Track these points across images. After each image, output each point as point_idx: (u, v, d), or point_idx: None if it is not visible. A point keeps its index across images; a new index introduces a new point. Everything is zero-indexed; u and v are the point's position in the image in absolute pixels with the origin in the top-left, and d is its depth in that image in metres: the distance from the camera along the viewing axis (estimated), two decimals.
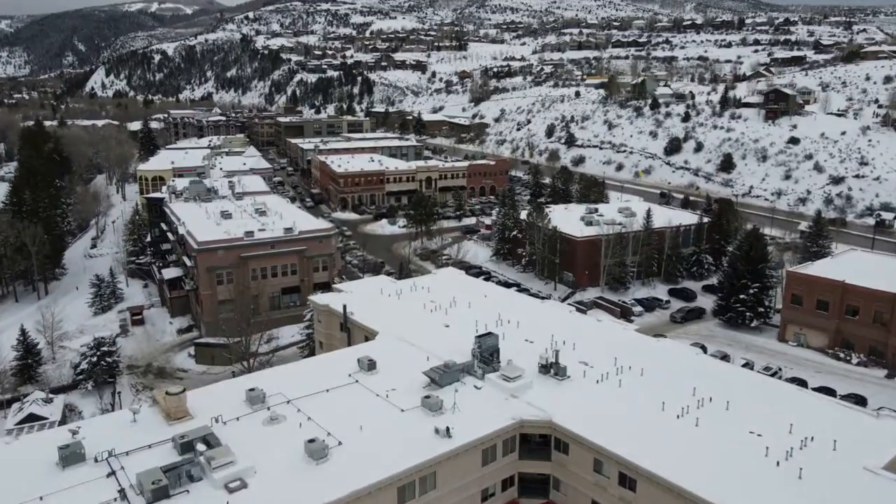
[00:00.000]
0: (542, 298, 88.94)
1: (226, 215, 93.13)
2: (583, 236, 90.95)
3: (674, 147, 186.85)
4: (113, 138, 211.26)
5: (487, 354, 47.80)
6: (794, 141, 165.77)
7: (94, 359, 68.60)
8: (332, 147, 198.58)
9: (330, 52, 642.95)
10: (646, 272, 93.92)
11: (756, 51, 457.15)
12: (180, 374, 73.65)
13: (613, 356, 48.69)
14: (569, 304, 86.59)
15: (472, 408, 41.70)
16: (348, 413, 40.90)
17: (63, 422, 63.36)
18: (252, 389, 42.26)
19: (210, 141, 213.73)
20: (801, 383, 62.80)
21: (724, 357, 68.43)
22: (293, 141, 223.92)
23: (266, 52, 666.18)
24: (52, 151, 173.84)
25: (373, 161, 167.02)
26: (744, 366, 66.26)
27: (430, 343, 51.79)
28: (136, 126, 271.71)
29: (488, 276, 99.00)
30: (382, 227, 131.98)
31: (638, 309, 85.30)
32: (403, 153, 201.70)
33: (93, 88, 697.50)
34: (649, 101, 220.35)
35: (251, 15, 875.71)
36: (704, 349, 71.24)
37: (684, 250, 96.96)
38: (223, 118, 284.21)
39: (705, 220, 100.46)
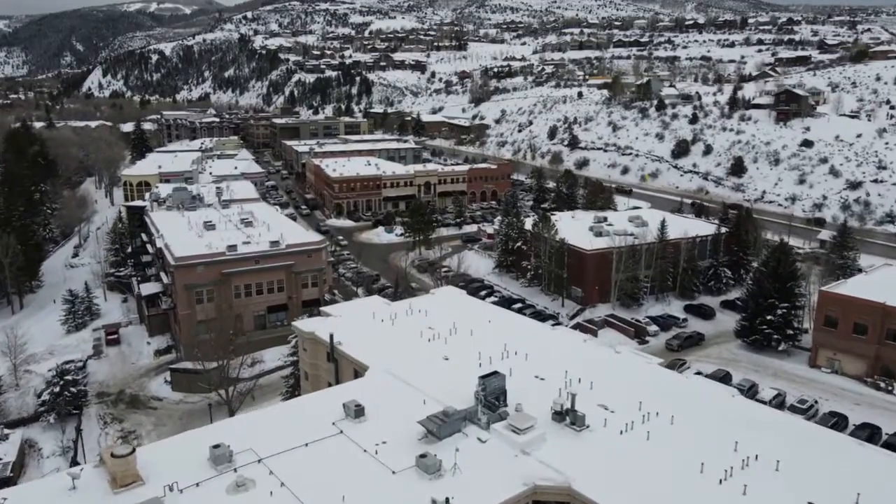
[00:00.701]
0: (551, 316, 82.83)
1: (209, 226, 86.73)
2: (592, 249, 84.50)
3: (681, 150, 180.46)
4: (103, 140, 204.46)
5: (493, 398, 41.43)
6: (807, 144, 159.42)
7: (57, 389, 62.12)
8: (328, 150, 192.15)
9: (328, 52, 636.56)
10: (660, 287, 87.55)
11: (760, 50, 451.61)
12: (154, 404, 67.24)
13: (637, 399, 42.28)
14: (579, 321, 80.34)
15: (476, 468, 35.32)
16: (329, 476, 34.52)
17: (20, 461, 57.10)
18: (217, 446, 35.78)
19: (202, 143, 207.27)
20: (841, 419, 56.53)
21: (752, 387, 62.09)
22: (288, 143, 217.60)
23: (264, 51, 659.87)
24: (37, 154, 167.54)
25: (369, 165, 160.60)
26: (775, 397, 60.10)
27: (427, 380, 45.48)
28: (130, 127, 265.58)
29: (491, 291, 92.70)
30: (378, 236, 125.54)
31: (653, 328, 78.93)
32: (402, 156, 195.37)
33: (89, 89, 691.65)
34: (655, 102, 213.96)
35: (249, 15, 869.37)
36: (729, 376, 65.04)
37: (701, 263, 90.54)
38: (217, 119, 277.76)
39: (723, 230, 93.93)
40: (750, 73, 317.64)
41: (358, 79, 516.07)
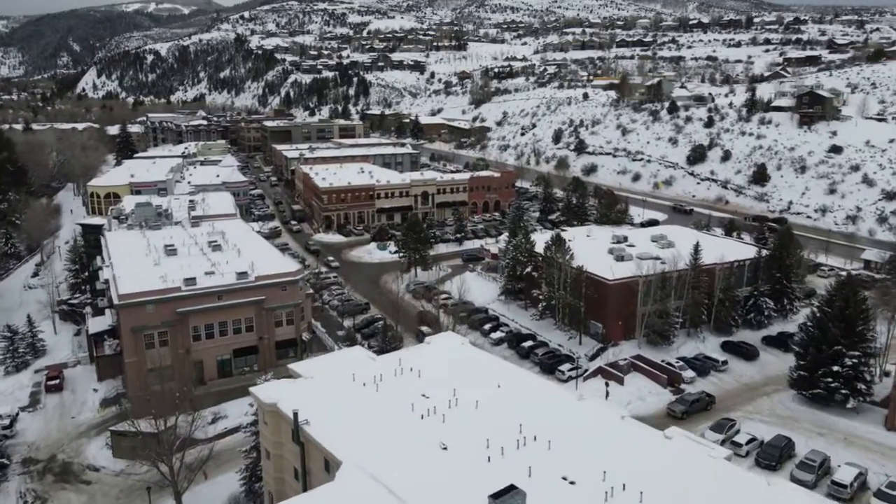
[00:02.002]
0: (567, 356, 70.86)
1: (170, 251, 74.77)
2: (616, 279, 72.47)
3: (697, 156, 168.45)
4: (79, 144, 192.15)
5: None
6: (835, 149, 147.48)
7: None
8: (320, 155, 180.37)
9: (326, 53, 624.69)
10: (691, 321, 75.60)
11: (767, 50, 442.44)
12: (89, 476, 55.21)
13: None
14: (601, 366, 68.39)
15: None
16: None
17: None
18: None
19: (186, 148, 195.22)
20: None
21: (824, 462, 50.15)
22: (279, 148, 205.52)
23: (260, 52, 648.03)
24: (6, 161, 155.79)
25: (363, 172, 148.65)
26: (857, 476, 48.13)
27: (419, 486, 33.69)
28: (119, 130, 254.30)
29: (497, 324, 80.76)
30: (370, 253, 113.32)
31: (689, 374, 66.98)
32: (398, 161, 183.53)
33: (83, 90, 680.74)
34: (667, 105, 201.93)
35: (246, 14, 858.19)
36: (792, 444, 53.12)
37: (739, 292, 78.50)
38: (204, 122, 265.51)
39: (763, 252, 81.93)
40: (762, 74, 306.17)
41: (355, 79, 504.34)
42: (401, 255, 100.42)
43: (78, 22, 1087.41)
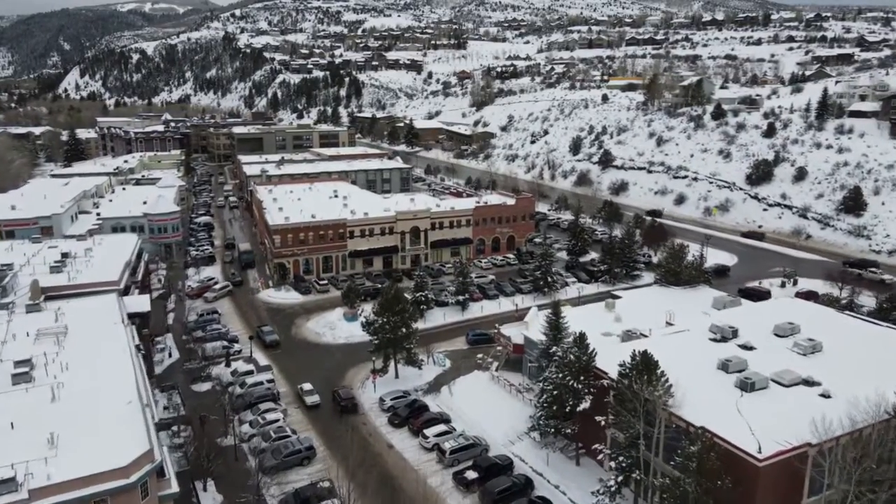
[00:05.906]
0: None
1: None
2: (769, 457, 37.53)
3: (761, 174, 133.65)
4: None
5: None
6: None
7: None
8: (288, 172, 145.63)
9: (318, 51, 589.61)
10: None
11: (791, 48, 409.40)
12: None
13: None
14: None
15: None
16: None
17: None
18: None
19: (125, 161, 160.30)
20: None
21: None
22: (243, 160, 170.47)
23: (248, 50, 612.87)
24: None
25: (336, 197, 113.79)
26: None
27: None
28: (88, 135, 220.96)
29: (531, 502, 45.70)
30: (333, 328, 77.80)
31: None
32: (385, 179, 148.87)
33: (66, 90, 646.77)
34: (710, 109, 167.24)
35: (238, 12, 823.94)
36: None
37: None
38: (160, 129, 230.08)
39: None
40: (802, 73, 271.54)
41: (347, 79, 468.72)
42: (373, 344, 64.91)
43: (69, 21, 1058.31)
